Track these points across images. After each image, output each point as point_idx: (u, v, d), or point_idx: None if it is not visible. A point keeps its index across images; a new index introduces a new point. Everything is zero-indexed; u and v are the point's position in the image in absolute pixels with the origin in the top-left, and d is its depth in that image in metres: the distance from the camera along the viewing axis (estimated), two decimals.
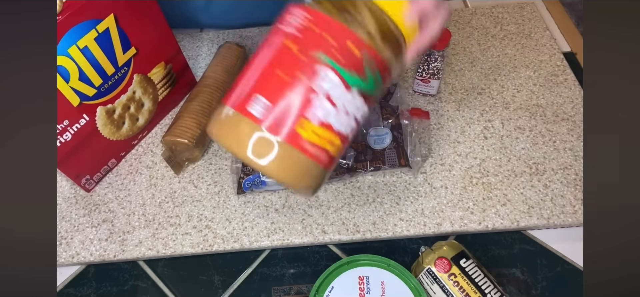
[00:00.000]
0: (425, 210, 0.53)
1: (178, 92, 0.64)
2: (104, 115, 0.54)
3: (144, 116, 0.60)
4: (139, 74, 0.56)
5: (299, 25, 0.35)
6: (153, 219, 0.55)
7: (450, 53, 0.68)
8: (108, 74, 0.52)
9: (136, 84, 0.56)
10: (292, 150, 0.33)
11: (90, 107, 0.52)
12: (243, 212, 0.54)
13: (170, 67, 0.60)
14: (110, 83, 0.53)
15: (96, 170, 0.57)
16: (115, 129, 0.56)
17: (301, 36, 0.34)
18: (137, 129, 0.60)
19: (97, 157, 0.56)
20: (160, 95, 0.61)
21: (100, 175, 0.58)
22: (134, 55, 0.54)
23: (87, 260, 0.52)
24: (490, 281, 0.45)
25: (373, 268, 0.46)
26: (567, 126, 0.60)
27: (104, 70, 0.51)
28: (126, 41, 0.52)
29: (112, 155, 0.59)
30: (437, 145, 0.59)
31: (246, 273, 0.52)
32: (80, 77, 0.49)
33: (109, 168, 0.59)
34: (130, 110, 0.57)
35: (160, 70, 0.59)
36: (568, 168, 0.56)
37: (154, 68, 0.57)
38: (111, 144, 0.57)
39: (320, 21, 0.34)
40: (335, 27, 0.34)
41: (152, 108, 0.60)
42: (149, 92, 0.58)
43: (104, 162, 0.58)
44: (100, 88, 0.52)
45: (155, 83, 0.59)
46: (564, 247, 0.52)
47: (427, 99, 0.64)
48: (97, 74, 0.50)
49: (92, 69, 0.50)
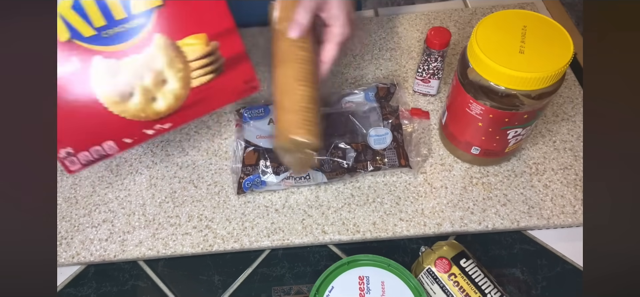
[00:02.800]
0: (425, 210, 0.53)
1: (227, 86, 0.47)
2: (104, 71, 0.42)
3: (165, 99, 0.45)
4: (163, 35, 0.42)
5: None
6: (153, 219, 0.55)
7: (450, 53, 0.68)
8: (115, 17, 0.40)
9: (158, 48, 0.42)
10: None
11: (85, 51, 0.40)
12: (243, 212, 0.54)
13: (216, 46, 0.44)
14: (117, 31, 0.41)
15: (84, 145, 0.44)
16: (118, 97, 0.43)
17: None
18: (152, 113, 0.45)
19: (87, 127, 0.44)
20: (195, 80, 0.45)
21: (89, 156, 0.45)
22: (157, 7, 0.41)
23: (87, 260, 0.52)
24: (490, 281, 0.45)
25: (373, 268, 0.46)
26: (567, 126, 0.60)
27: (109, 9, 0.39)
28: None
29: (111, 135, 0.45)
30: (437, 145, 0.59)
31: (246, 273, 0.52)
32: (75, 6, 0.38)
33: (103, 153, 0.46)
34: (144, 82, 0.43)
35: (200, 44, 0.44)
36: (568, 168, 0.56)
37: (187, 37, 0.43)
38: (111, 118, 0.44)
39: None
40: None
41: (180, 92, 0.45)
42: (177, 67, 0.43)
43: (98, 139, 0.45)
44: (102, 32, 0.40)
45: (188, 59, 0.44)
46: (564, 247, 0.52)
47: (427, 99, 0.64)
48: (99, 11, 0.39)
49: (93, 2, 0.39)
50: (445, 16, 0.75)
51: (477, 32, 0.45)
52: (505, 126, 0.48)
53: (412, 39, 0.72)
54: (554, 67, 0.42)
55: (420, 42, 0.71)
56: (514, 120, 0.47)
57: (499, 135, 0.50)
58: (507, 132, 0.49)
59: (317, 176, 0.54)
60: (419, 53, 0.70)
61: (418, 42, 0.71)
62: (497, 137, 0.50)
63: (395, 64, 0.68)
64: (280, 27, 0.47)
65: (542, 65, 0.42)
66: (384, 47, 0.71)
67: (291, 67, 0.46)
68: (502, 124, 0.48)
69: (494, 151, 0.53)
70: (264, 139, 0.57)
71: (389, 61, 0.69)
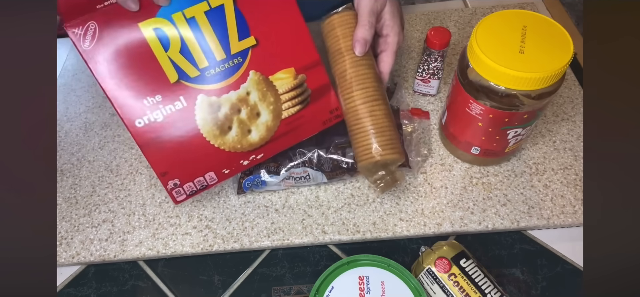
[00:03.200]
0: (425, 210, 0.53)
1: (315, 116, 0.50)
2: (206, 108, 0.45)
3: (258, 131, 0.48)
4: (257, 72, 0.46)
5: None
6: (153, 219, 0.55)
7: (450, 53, 0.68)
8: (217, 58, 0.44)
9: (252, 83, 0.46)
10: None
11: (190, 91, 0.44)
12: (243, 212, 0.54)
13: (303, 79, 0.48)
14: (219, 70, 0.44)
15: (189, 177, 0.48)
16: (218, 131, 0.46)
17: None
18: (247, 144, 0.48)
19: (192, 160, 0.47)
20: (285, 111, 0.48)
21: (192, 187, 0.49)
22: (252, 47, 0.45)
23: (87, 260, 0.52)
24: (490, 281, 0.45)
25: (373, 268, 0.46)
26: (567, 126, 0.60)
27: (212, 52, 0.44)
28: (244, 27, 0.44)
29: (212, 166, 0.48)
30: (437, 145, 0.59)
31: (246, 273, 0.52)
32: (182, 51, 0.43)
33: (205, 183, 0.49)
34: (241, 116, 0.47)
35: (289, 77, 0.47)
36: (568, 168, 0.56)
37: (278, 71, 0.47)
38: (211, 151, 0.47)
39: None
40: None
41: (271, 123, 0.48)
42: (269, 100, 0.47)
43: (201, 171, 0.48)
44: (205, 72, 0.44)
45: (279, 92, 0.47)
46: (564, 247, 0.52)
47: (427, 99, 0.64)
48: (203, 54, 0.43)
49: (198, 46, 0.43)
50: (445, 16, 0.75)
51: (477, 32, 0.45)
52: (505, 126, 0.48)
53: (412, 39, 0.72)
54: (554, 67, 0.42)
55: (420, 42, 0.71)
56: (514, 120, 0.47)
57: (499, 135, 0.50)
58: (507, 132, 0.49)
59: (317, 176, 0.54)
60: (419, 53, 0.70)
61: (418, 42, 0.71)
62: (497, 137, 0.50)
63: (395, 64, 0.68)
64: (339, 46, 0.48)
65: (542, 65, 0.42)
66: None
67: (360, 88, 0.48)
68: (502, 124, 0.48)
69: (494, 151, 0.53)
70: None
71: None
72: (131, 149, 0.62)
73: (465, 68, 0.47)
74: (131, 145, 0.62)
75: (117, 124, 0.64)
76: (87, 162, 0.61)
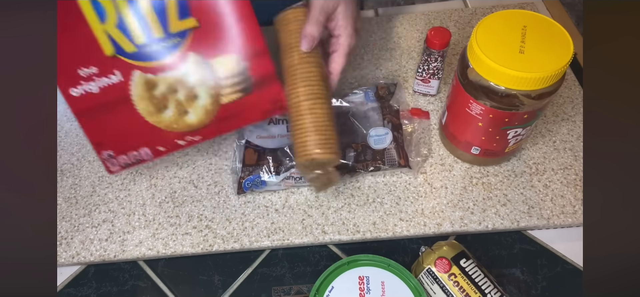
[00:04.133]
0: (425, 210, 0.53)
1: (255, 105, 0.49)
2: (143, 84, 0.45)
3: (197, 113, 0.48)
4: (197, 53, 0.45)
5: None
6: (153, 219, 0.55)
7: (450, 53, 0.68)
8: (154, 35, 0.43)
9: (191, 65, 0.45)
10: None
11: (126, 66, 0.44)
12: (243, 212, 0.54)
13: (246, 68, 0.47)
14: (156, 48, 0.44)
15: (123, 150, 0.49)
16: (154, 108, 0.47)
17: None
18: (184, 125, 0.48)
19: (126, 133, 0.48)
20: (225, 97, 0.48)
21: (127, 160, 0.50)
22: (193, 28, 0.44)
23: (87, 260, 0.52)
24: (490, 281, 0.45)
25: (373, 268, 0.46)
26: (567, 126, 0.60)
27: (150, 29, 0.43)
28: (185, 6, 0.43)
29: (147, 142, 0.49)
30: (437, 145, 0.59)
31: (246, 273, 0.52)
32: (119, 25, 0.42)
33: (140, 157, 0.50)
34: (178, 96, 0.47)
35: (230, 63, 0.46)
36: (568, 168, 0.56)
37: (220, 56, 0.45)
38: (147, 127, 0.48)
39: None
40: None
41: (210, 107, 0.48)
42: (208, 84, 0.47)
43: (135, 146, 0.49)
44: (142, 48, 0.44)
45: (220, 77, 0.47)
46: (564, 247, 0.52)
47: (427, 99, 0.64)
48: (141, 30, 0.43)
49: (136, 21, 0.42)
50: (445, 16, 0.75)
51: (477, 32, 0.45)
52: (505, 126, 0.48)
53: (412, 39, 0.72)
54: (554, 67, 0.42)
55: (420, 42, 0.71)
56: (514, 120, 0.47)
57: (499, 135, 0.50)
58: (507, 132, 0.49)
59: None
60: (419, 53, 0.70)
61: (418, 42, 0.71)
62: (497, 137, 0.50)
63: (395, 64, 0.68)
64: (290, 41, 0.48)
65: (542, 65, 0.42)
66: (384, 47, 0.71)
67: (305, 85, 0.47)
68: (502, 124, 0.48)
69: (494, 151, 0.53)
70: (264, 139, 0.57)
71: (389, 61, 0.69)
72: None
73: (465, 68, 0.47)
74: None
75: None
76: (87, 162, 0.61)
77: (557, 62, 0.42)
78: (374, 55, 0.70)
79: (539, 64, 0.42)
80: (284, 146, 0.55)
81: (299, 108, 0.47)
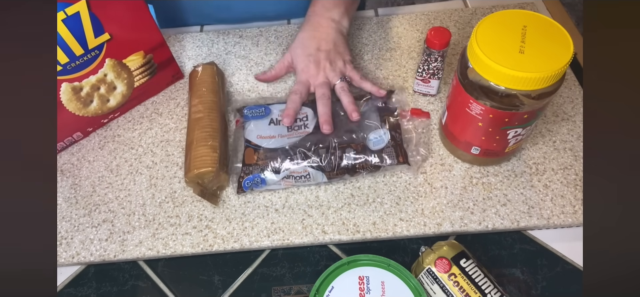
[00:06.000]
0: (425, 210, 0.53)
1: (160, 81, 0.66)
2: (69, 91, 0.56)
3: (116, 98, 0.62)
4: (112, 58, 0.58)
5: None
6: (153, 219, 0.55)
7: (450, 53, 0.69)
8: (76, 54, 0.54)
9: (108, 67, 0.58)
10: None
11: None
12: (243, 212, 0.54)
13: (151, 57, 0.62)
14: (78, 63, 0.55)
15: (59, 139, 0.60)
16: (81, 105, 0.58)
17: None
18: (107, 109, 0.62)
19: (60, 128, 0.59)
20: (137, 82, 0.63)
21: (62, 144, 0.61)
22: (107, 41, 0.56)
23: (87, 260, 0.52)
24: (490, 281, 0.45)
25: (373, 268, 0.46)
26: (567, 126, 0.60)
27: (71, 50, 0.53)
28: (99, 26, 0.54)
29: (78, 128, 0.61)
30: (437, 145, 0.59)
31: (246, 273, 0.52)
32: None
33: (73, 140, 0.62)
34: (100, 91, 0.60)
35: (138, 58, 0.60)
36: (568, 168, 0.56)
37: (130, 55, 0.59)
38: (77, 119, 0.59)
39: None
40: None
41: (126, 92, 0.62)
42: (123, 77, 0.61)
43: (68, 133, 0.61)
44: (67, 66, 0.54)
45: (132, 69, 0.61)
46: (564, 247, 0.52)
47: (427, 99, 0.64)
48: (64, 53, 0.53)
49: (59, 47, 0.52)
50: (445, 16, 0.75)
51: (477, 32, 0.45)
52: (505, 126, 0.48)
53: (412, 39, 0.72)
54: (554, 67, 0.42)
55: (420, 42, 0.71)
56: (514, 120, 0.47)
57: (499, 135, 0.50)
58: (507, 132, 0.49)
59: (317, 176, 0.54)
60: (419, 53, 0.70)
61: (418, 42, 0.71)
62: (497, 137, 0.50)
63: (395, 64, 0.68)
64: (201, 86, 0.61)
65: (542, 65, 0.42)
66: (384, 47, 0.71)
67: (199, 126, 0.57)
68: (502, 124, 0.48)
69: (494, 151, 0.53)
70: (264, 138, 0.57)
71: (389, 61, 0.69)
72: (131, 149, 0.62)
73: (465, 68, 0.47)
74: (131, 145, 0.62)
75: (117, 124, 0.64)
76: (87, 162, 0.61)
77: (557, 62, 0.42)
78: (374, 55, 0.70)
79: (539, 64, 0.42)
80: (284, 146, 0.55)
81: (189, 136, 0.57)
